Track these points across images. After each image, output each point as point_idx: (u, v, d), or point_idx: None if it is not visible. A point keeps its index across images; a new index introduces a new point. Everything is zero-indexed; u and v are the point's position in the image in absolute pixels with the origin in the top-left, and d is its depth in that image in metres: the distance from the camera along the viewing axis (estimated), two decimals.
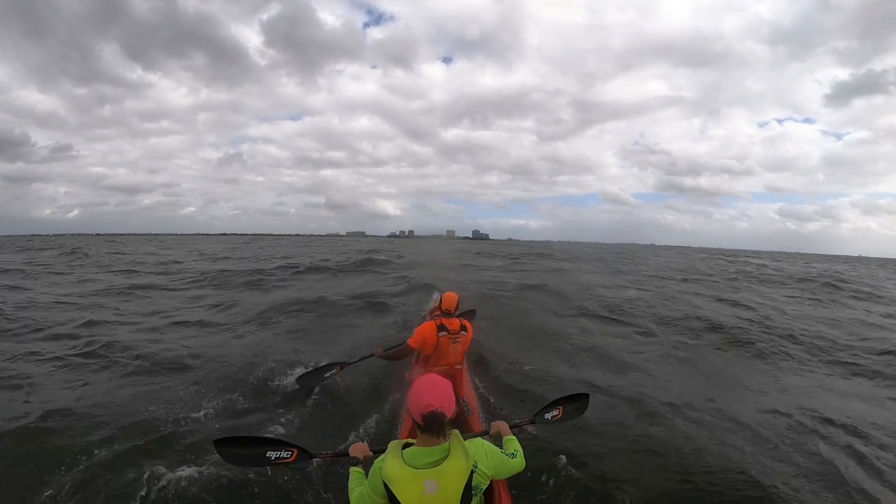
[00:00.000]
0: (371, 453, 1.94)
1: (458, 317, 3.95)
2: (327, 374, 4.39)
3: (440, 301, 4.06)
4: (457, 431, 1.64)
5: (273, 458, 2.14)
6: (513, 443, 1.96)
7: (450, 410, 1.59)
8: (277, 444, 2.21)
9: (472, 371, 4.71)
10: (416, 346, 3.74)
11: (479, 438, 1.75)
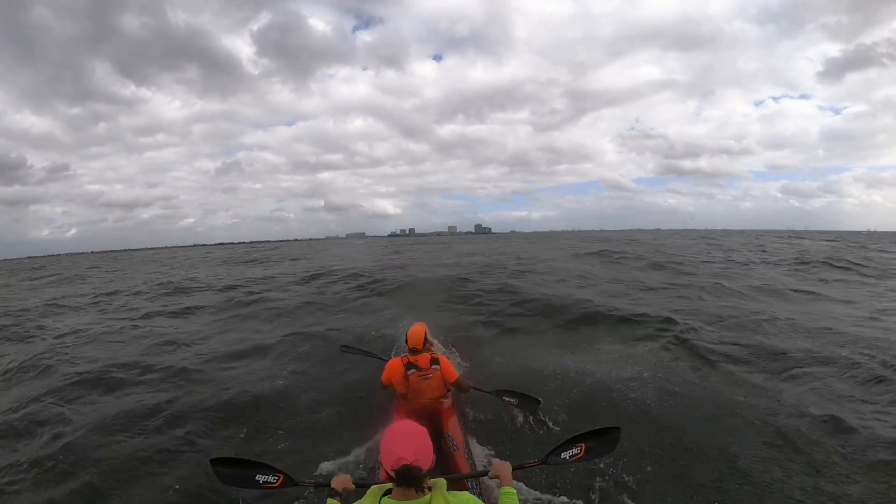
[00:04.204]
0: (353, 486, 1.90)
1: (428, 350, 3.87)
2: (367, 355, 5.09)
3: (405, 338, 3.84)
4: (442, 482, 1.52)
5: (261, 482, 2.22)
6: (510, 498, 1.70)
7: (426, 462, 1.46)
8: (266, 468, 2.25)
9: (467, 399, 4.29)
10: (386, 383, 3.77)
11: (466, 493, 1.57)
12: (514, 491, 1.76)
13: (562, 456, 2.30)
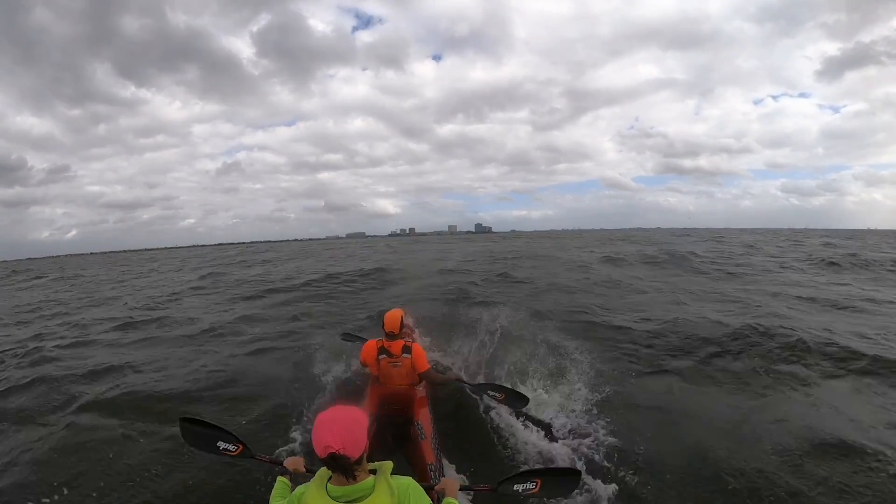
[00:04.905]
0: (304, 470, 1.95)
1: (405, 336, 3.78)
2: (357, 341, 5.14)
3: (382, 321, 3.72)
4: (388, 465, 1.53)
5: (221, 448, 2.28)
6: None
7: (355, 450, 1.39)
8: (229, 436, 2.31)
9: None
10: (363, 362, 3.75)
11: (409, 478, 1.56)
12: (457, 502, 1.78)
13: (514, 488, 2.21)
